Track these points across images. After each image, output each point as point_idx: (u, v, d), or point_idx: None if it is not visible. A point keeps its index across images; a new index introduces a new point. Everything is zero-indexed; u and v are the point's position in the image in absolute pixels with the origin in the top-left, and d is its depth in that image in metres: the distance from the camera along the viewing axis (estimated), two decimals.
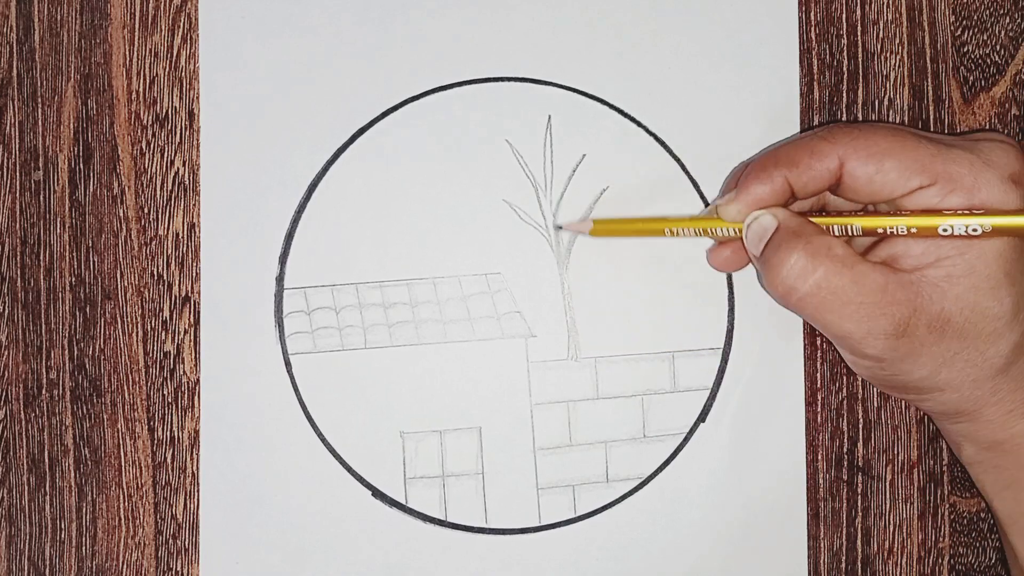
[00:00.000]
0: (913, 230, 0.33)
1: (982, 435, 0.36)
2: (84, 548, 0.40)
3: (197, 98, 0.40)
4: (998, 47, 0.43)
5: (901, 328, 0.33)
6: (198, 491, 0.39)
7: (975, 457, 0.38)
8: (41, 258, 0.40)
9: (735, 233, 0.37)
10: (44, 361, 0.40)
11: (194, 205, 0.40)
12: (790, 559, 0.41)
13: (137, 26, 0.40)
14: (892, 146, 0.33)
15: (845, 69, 0.42)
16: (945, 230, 0.33)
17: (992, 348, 0.34)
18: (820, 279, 0.33)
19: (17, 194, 0.40)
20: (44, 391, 0.40)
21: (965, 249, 0.33)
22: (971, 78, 0.42)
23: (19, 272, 0.40)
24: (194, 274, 0.40)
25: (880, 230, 0.34)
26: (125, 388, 0.40)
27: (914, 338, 0.34)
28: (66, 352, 0.40)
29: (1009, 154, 0.34)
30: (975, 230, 0.32)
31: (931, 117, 0.42)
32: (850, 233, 0.35)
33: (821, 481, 0.41)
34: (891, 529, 0.42)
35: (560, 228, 0.40)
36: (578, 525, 0.40)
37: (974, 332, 0.34)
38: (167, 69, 0.40)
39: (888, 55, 0.42)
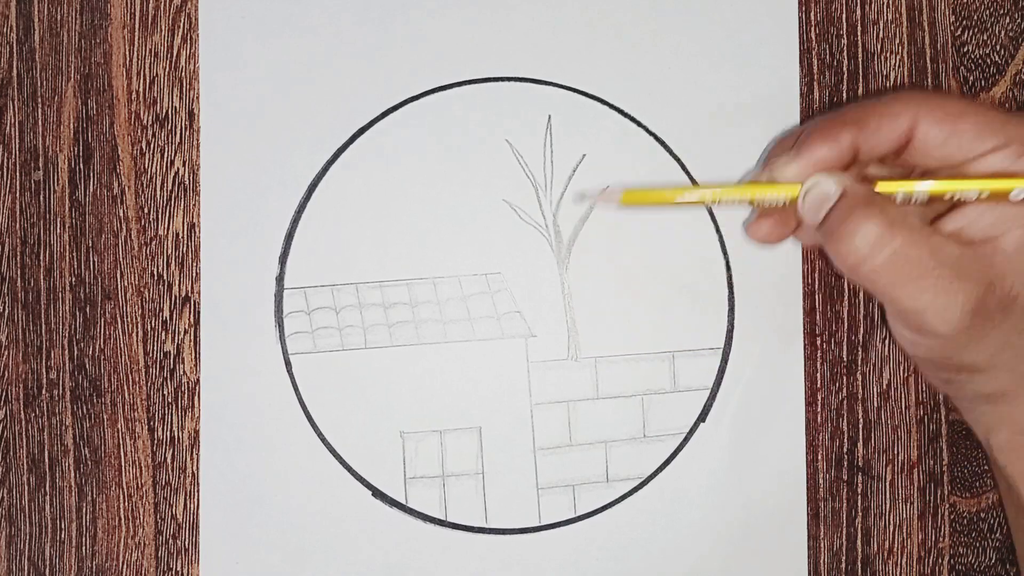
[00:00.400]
0: (985, 195, 0.32)
1: (1019, 417, 0.35)
2: (84, 548, 0.40)
3: (197, 98, 0.40)
4: (998, 47, 0.43)
5: (979, 304, 0.32)
6: (198, 491, 0.39)
7: (1009, 443, 0.36)
8: (41, 258, 0.40)
9: (787, 201, 0.34)
10: (44, 361, 0.40)
11: (194, 205, 0.40)
12: (790, 559, 0.41)
13: (137, 26, 0.40)
14: (967, 108, 0.32)
15: (845, 69, 0.42)
16: (1018, 195, 0.31)
17: None
18: (898, 249, 0.31)
19: (17, 194, 0.40)
20: (44, 391, 0.40)
21: None
22: (971, 78, 0.42)
23: (19, 272, 0.40)
24: (194, 274, 0.40)
25: (948, 195, 0.32)
26: (125, 388, 0.40)
27: (986, 316, 0.32)
28: (66, 352, 0.40)
29: None
30: None
31: None
32: (913, 201, 0.33)
33: (821, 481, 0.41)
34: (891, 529, 0.42)
35: (585, 198, 0.39)
36: (578, 525, 0.40)
37: None
38: (167, 69, 0.40)
39: (888, 55, 0.42)
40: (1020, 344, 0.33)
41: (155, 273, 0.40)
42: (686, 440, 0.41)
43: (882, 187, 0.33)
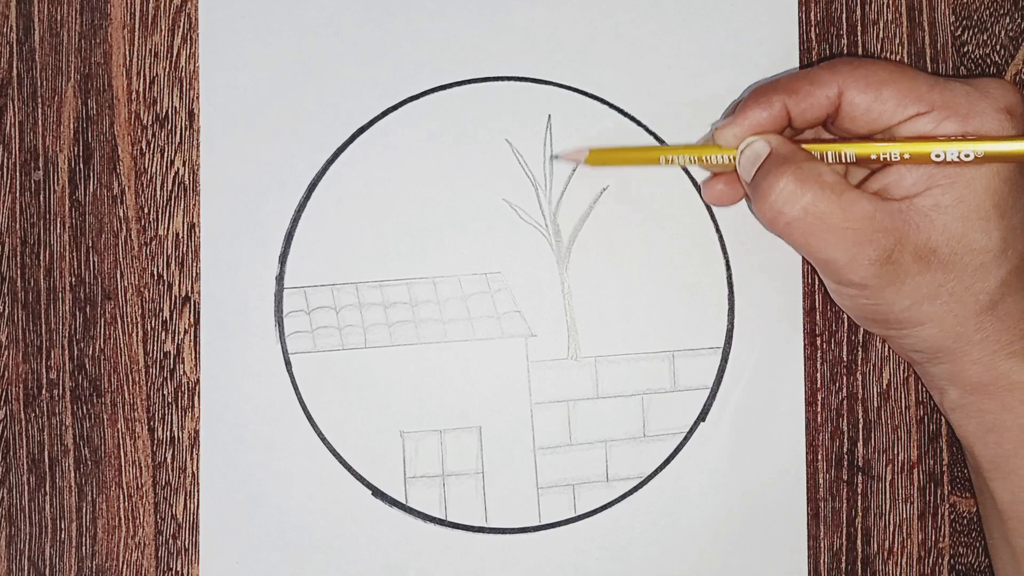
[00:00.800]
0: (906, 156, 0.34)
1: (966, 376, 0.36)
2: (84, 548, 0.40)
3: (197, 98, 0.40)
4: (998, 47, 0.43)
5: (886, 255, 0.34)
6: (198, 491, 0.39)
7: (959, 401, 0.37)
8: (41, 258, 0.40)
9: (729, 161, 0.37)
10: (44, 361, 0.40)
11: (194, 205, 0.40)
12: (790, 559, 0.41)
13: (137, 26, 0.40)
14: (891, 75, 0.34)
15: None
16: (938, 155, 0.33)
17: (978, 283, 0.34)
18: (807, 204, 0.34)
19: (17, 194, 0.40)
20: (44, 391, 0.40)
21: (955, 179, 0.33)
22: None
23: (19, 272, 0.40)
24: (194, 274, 0.40)
25: (873, 156, 0.34)
26: (125, 388, 0.40)
27: (899, 266, 0.34)
28: (66, 352, 0.40)
29: (1006, 89, 0.34)
30: (967, 156, 0.33)
31: None
32: (844, 160, 0.35)
33: (821, 481, 0.41)
34: (891, 529, 0.42)
35: (557, 157, 0.40)
36: (578, 525, 0.40)
37: (960, 264, 0.34)
38: (167, 69, 0.40)
39: (888, 55, 0.42)
40: (942, 297, 0.34)
41: (155, 273, 0.40)
42: (686, 440, 0.41)
43: (811, 147, 0.35)
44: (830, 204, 0.33)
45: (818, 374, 0.42)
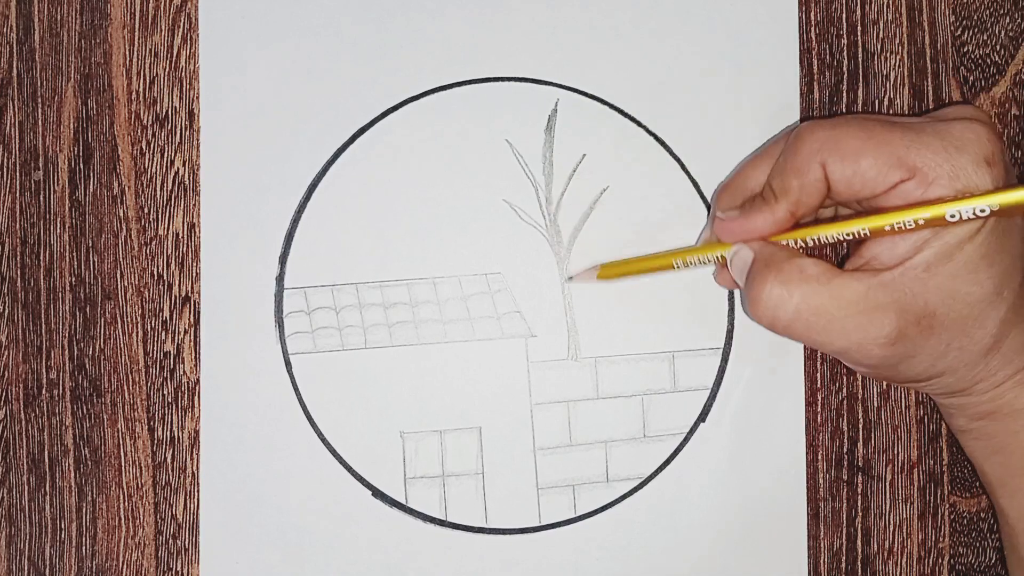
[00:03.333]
0: (921, 221, 0.33)
1: (973, 408, 0.37)
2: (84, 548, 0.40)
3: (197, 98, 0.40)
4: (998, 47, 0.43)
5: (894, 335, 0.33)
6: (198, 491, 0.39)
7: (966, 427, 0.38)
8: (41, 258, 0.40)
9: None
10: (44, 361, 0.40)
11: (194, 205, 0.40)
12: (790, 559, 0.41)
13: (137, 26, 0.40)
14: (865, 145, 0.33)
15: (845, 69, 0.42)
16: (953, 216, 0.32)
17: (979, 330, 0.34)
18: (799, 304, 0.33)
19: (17, 194, 0.40)
20: (44, 391, 0.40)
21: (946, 239, 0.33)
22: (971, 78, 0.42)
23: (19, 272, 0.40)
24: (194, 274, 0.40)
25: (888, 227, 0.33)
26: (125, 388, 0.40)
27: (907, 340, 0.34)
28: (66, 352, 0.40)
29: (980, 135, 0.33)
30: (983, 211, 0.32)
31: None
32: (859, 236, 0.34)
33: (821, 481, 0.41)
34: (891, 529, 0.42)
35: (571, 279, 0.40)
36: (578, 525, 0.40)
37: (959, 319, 0.34)
38: (167, 69, 0.40)
39: (888, 55, 0.42)
40: (952, 353, 0.35)
41: (155, 273, 0.40)
42: (686, 440, 0.41)
43: (807, 233, 0.35)
44: (820, 297, 0.33)
45: (818, 374, 0.42)
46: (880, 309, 0.33)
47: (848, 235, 0.34)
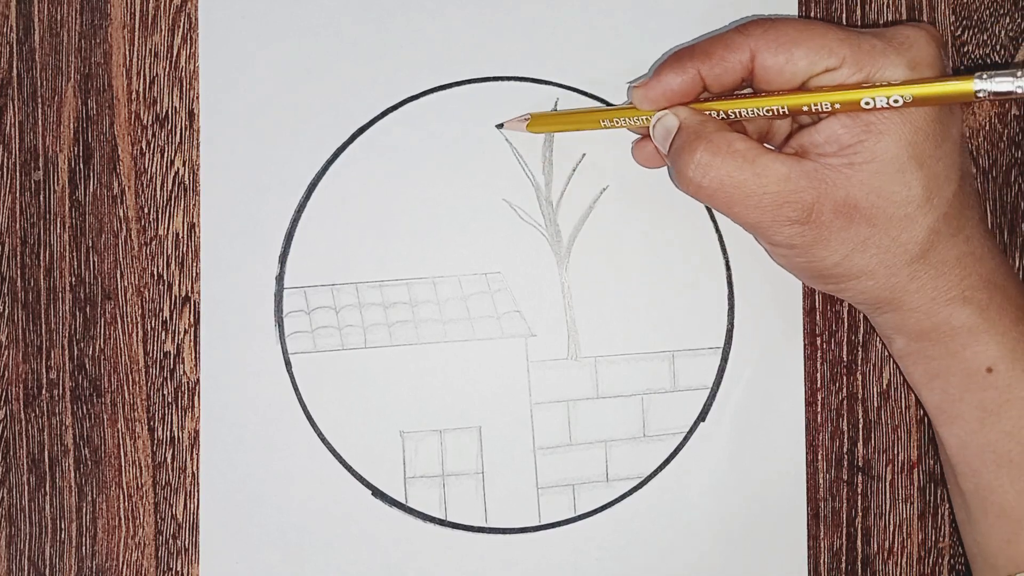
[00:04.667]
0: (837, 105, 0.34)
1: (909, 325, 0.37)
2: (84, 548, 0.40)
3: (197, 98, 0.40)
4: (998, 47, 0.43)
5: (805, 214, 0.34)
6: (198, 491, 0.39)
7: (905, 349, 0.38)
8: (41, 258, 0.40)
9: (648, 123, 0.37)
10: (44, 361, 0.40)
11: (194, 205, 0.40)
12: (790, 559, 0.41)
13: (137, 26, 0.40)
14: (801, 34, 0.34)
15: None
16: (868, 103, 0.33)
17: (905, 233, 0.35)
18: (723, 174, 0.34)
19: (17, 194, 0.40)
20: (44, 391, 0.40)
21: (868, 135, 0.34)
22: None
23: (19, 272, 0.40)
24: (194, 274, 0.40)
25: (805, 108, 0.34)
26: (125, 388, 0.40)
27: (820, 223, 0.34)
28: (66, 352, 0.40)
29: (919, 39, 0.34)
30: (897, 101, 0.33)
31: None
32: (778, 112, 0.35)
33: (821, 481, 0.41)
34: (891, 529, 0.42)
35: (501, 126, 0.40)
36: (578, 525, 0.40)
37: (883, 217, 0.34)
38: (167, 69, 0.40)
39: None
40: (870, 250, 0.35)
41: (155, 273, 0.40)
42: (686, 440, 0.41)
43: (735, 104, 0.36)
44: (744, 172, 0.34)
45: (818, 374, 0.42)
46: (798, 191, 0.34)
47: (768, 111, 0.35)
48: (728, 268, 0.41)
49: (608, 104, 0.41)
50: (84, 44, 0.40)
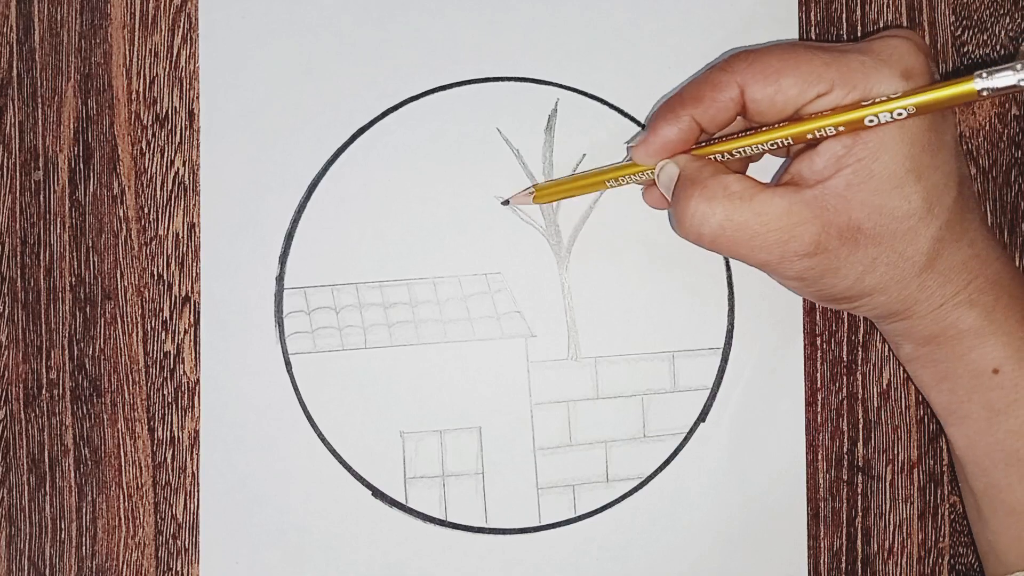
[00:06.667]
0: (841, 128, 0.33)
1: (917, 331, 0.37)
2: (84, 548, 0.40)
3: (197, 98, 0.40)
4: (998, 47, 0.43)
5: (813, 246, 0.34)
6: (198, 491, 0.39)
7: (913, 354, 0.38)
8: (41, 258, 0.40)
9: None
10: (44, 361, 0.40)
11: (194, 205, 0.40)
12: (790, 559, 0.41)
13: (137, 26, 0.40)
14: (785, 64, 0.34)
15: None
16: (871, 120, 0.33)
17: (911, 247, 0.34)
18: (722, 220, 0.34)
19: (17, 194, 0.40)
20: (44, 391, 0.40)
21: (863, 154, 0.33)
22: None
23: (19, 272, 0.40)
24: (194, 274, 0.40)
25: (810, 135, 0.34)
26: (125, 388, 0.40)
27: (828, 252, 0.34)
28: (66, 352, 0.40)
29: (903, 49, 0.34)
30: (900, 114, 0.32)
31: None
32: (781, 146, 0.35)
33: (821, 481, 0.41)
34: (891, 529, 0.42)
35: (507, 203, 0.40)
36: (578, 525, 0.40)
37: (888, 234, 0.34)
38: (167, 69, 0.40)
39: None
40: (880, 268, 0.35)
41: (155, 273, 0.40)
42: (686, 440, 0.41)
43: (725, 147, 0.35)
44: (743, 212, 0.34)
45: (818, 374, 0.42)
46: (801, 224, 0.34)
47: (772, 145, 0.35)
48: (728, 268, 0.41)
49: (608, 104, 0.41)
50: (84, 44, 0.40)
